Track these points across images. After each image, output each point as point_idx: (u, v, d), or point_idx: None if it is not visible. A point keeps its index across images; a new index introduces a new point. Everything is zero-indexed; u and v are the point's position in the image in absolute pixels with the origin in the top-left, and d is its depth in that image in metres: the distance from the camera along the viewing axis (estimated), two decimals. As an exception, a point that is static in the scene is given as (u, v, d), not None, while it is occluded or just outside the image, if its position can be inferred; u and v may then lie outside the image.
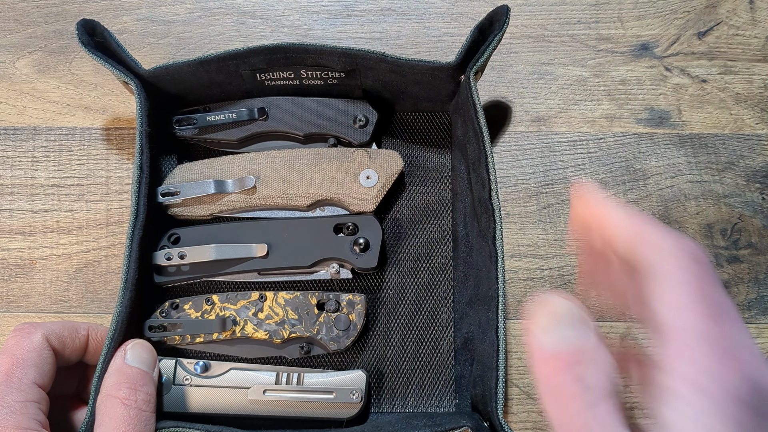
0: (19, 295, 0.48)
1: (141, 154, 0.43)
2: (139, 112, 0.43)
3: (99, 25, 0.44)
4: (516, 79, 0.52)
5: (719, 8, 0.53)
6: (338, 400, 0.42)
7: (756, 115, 0.51)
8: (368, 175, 0.46)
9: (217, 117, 0.47)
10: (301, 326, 0.44)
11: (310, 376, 0.43)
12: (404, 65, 0.43)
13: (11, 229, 0.49)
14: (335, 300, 0.44)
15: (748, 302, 0.48)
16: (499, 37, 0.42)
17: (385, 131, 0.50)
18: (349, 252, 0.45)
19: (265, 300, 0.45)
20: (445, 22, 0.53)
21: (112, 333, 0.39)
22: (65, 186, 0.50)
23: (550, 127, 0.51)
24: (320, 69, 0.45)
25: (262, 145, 0.49)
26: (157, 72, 0.44)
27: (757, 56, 0.52)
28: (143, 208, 0.42)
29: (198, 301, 0.45)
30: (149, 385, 0.38)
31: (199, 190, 0.45)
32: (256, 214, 0.47)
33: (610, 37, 0.53)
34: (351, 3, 0.54)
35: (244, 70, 0.45)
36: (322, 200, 0.46)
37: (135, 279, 0.41)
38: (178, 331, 0.44)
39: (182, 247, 0.45)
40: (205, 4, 0.54)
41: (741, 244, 0.49)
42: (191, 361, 0.43)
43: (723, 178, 0.50)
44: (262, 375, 0.43)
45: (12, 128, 0.51)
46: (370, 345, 0.46)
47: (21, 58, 0.52)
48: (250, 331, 0.44)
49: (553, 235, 0.49)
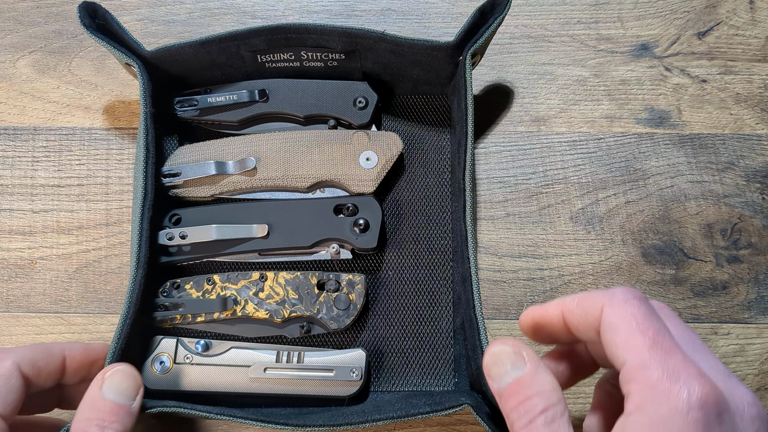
0: (19, 295, 0.48)
1: (146, 134, 0.43)
2: (142, 92, 0.44)
3: (100, 8, 0.44)
4: (516, 79, 0.52)
5: (719, 8, 0.53)
6: (338, 378, 0.42)
7: (756, 115, 0.51)
8: (368, 156, 0.46)
9: (217, 98, 0.47)
10: (302, 306, 0.44)
11: (311, 355, 0.43)
12: (403, 44, 0.43)
13: (11, 229, 0.49)
14: (335, 280, 0.45)
15: (748, 302, 0.47)
16: (499, 20, 0.42)
17: (384, 113, 0.50)
18: (349, 233, 0.45)
19: (266, 280, 0.45)
20: (445, 22, 0.53)
21: (126, 311, 0.40)
22: (65, 186, 0.50)
23: (550, 127, 0.51)
24: (321, 50, 0.45)
25: (263, 127, 0.49)
26: (159, 53, 0.44)
27: (757, 56, 0.52)
28: (151, 188, 0.43)
29: (199, 281, 0.45)
30: (122, 421, 0.35)
31: (200, 172, 0.46)
32: (257, 195, 0.47)
33: (610, 37, 0.53)
34: (351, 3, 0.54)
35: (245, 51, 0.45)
36: (322, 182, 0.46)
37: (147, 257, 0.41)
38: (179, 310, 0.44)
39: (183, 228, 0.45)
40: (205, 4, 0.54)
41: (741, 244, 0.49)
42: (192, 340, 0.43)
43: (723, 178, 0.50)
44: (262, 354, 0.43)
45: (12, 128, 0.51)
46: (369, 324, 0.47)
47: (21, 58, 0.52)
48: (251, 310, 0.44)
49: (553, 235, 0.49)
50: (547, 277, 0.48)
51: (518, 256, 0.48)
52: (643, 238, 0.49)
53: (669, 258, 0.48)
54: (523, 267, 0.48)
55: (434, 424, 0.45)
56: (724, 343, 0.47)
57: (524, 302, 0.48)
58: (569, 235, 0.49)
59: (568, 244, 0.48)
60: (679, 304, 0.47)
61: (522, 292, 0.48)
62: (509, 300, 0.48)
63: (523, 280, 0.48)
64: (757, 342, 0.47)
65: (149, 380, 0.43)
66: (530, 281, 0.48)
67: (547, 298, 0.48)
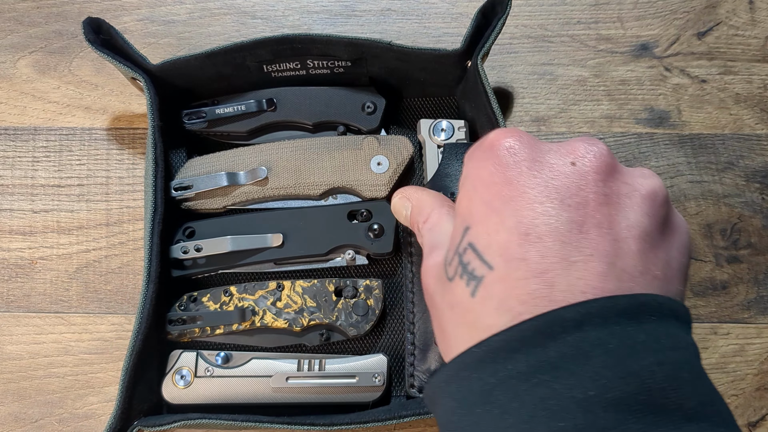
0: (19, 295, 0.48)
1: (155, 148, 0.43)
2: (150, 107, 0.44)
3: (104, 23, 0.44)
4: (516, 79, 0.52)
5: (719, 8, 0.53)
6: (361, 384, 0.42)
7: (756, 115, 0.51)
8: (379, 161, 0.46)
9: (225, 109, 0.47)
10: (320, 313, 0.44)
11: (332, 362, 0.43)
12: (410, 53, 0.43)
13: (11, 229, 0.49)
14: (352, 286, 0.45)
15: (748, 302, 0.48)
16: (503, 20, 0.42)
17: (393, 117, 0.50)
18: (363, 238, 0.45)
19: (283, 289, 0.45)
20: (445, 22, 0.53)
21: (138, 326, 0.40)
22: (65, 186, 0.50)
23: (550, 127, 0.51)
24: (326, 58, 0.45)
25: (272, 136, 0.49)
26: (165, 66, 0.44)
27: (756, 56, 0.52)
28: (161, 201, 0.43)
29: (216, 293, 0.45)
30: None
31: (211, 183, 0.46)
32: (269, 204, 0.47)
33: (610, 37, 0.53)
34: (351, 3, 0.54)
35: (250, 62, 0.45)
36: (335, 188, 0.46)
37: (158, 272, 0.41)
38: (197, 323, 0.44)
39: (198, 240, 0.45)
40: (205, 4, 0.54)
41: (741, 244, 0.49)
42: (212, 353, 0.43)
43: (723, 178, 0.50)
44: (283, 363, 0.43)
45: (12, 128, 0.51)
46: (388, 329, 0.46)
47: (21, 59, 0.52)
48: (270, 320, 0.44)
49: (553, 235, 0.49)
50: (547, 277, 0.48)
51: (518, 256, 0.48)
52: (643, 238, 0.49)
53: (669, 258, 0.48)
54: (523, 267, 0.48)
55: (434, 424, 0.45)
56: (724, 343, 0.47)
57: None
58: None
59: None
60: (679, 304, 0.48)
61: (522, 292, 0.48)
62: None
63: (523, 280, 0.48)
64: (757, 342, 0.47)
65: (171, 395, 0.42)
66: (530, 281, 0.48)
67: (547, 298, 0.48)
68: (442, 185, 0.45)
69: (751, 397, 0.46)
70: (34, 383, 0.46)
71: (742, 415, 0.46)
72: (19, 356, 0.47)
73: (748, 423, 0.46)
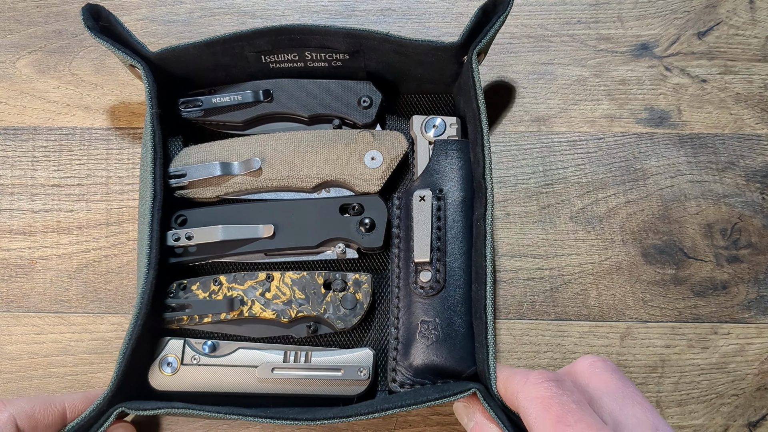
0: (19, 295, 0.48)
1: (153, 136, 0.43)
2: (148, 94, 0.44)
3: (104, 9, 0.44)
4: (516, 79, 0.52)
5: (719, 8, 0.53)
6: (346, 377, 0.42)
7: (756, 115, 0.51)
8: (373, 156, 0.46)
9: (222, 99, 0.47)
10: (308, 305, 0.44)
11: (318, 355, 0.43)
12: (408, 45, 0.43)
13: (11, 229, 0.49)
14: (342, 279, 0.45)
15: (748, 302, 0.48)
16: (503, 19, 0.42)
17: (389, 113, 0.50)
18: (354, 232, 0.45)
19: (272, 280, 0.45)
20: (445, 22, 0.53)
21: (138, 311, 0.40)
22: (65, 186, 0.50)
23: (550, 127, 0.51)
24: (325, 50, 0.45)
25: (267, 127, 0.49)
26: (164, 54, 0.44)
27: (757, 56, 0.52)
28: (160, 188, 0.43)
29: (205, 281, 0.45)
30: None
31: (205, 172, 0.46)
32: (262, 195, 0.47)
33: (610, 37, 0.53)
34: (351, 3, 0.54)
35: (249, 52, 0.45)
36: (328, 181, 0.46)
37: (158, 257, 0.42)
38: (186, 311, 0.44)
39: (190, 228, 0.45)
40: (205, 4, 0.54)
41: (741, 244, 0.49)
42: (199, 341, 0.44)
43: (723, 178, 0.50)
44: (270, 354, 0.43)
45: (12, 128, 0.51)
46: (376, 323, 0.47)
47: (21, 58, 0.52)
48: (258, 310, 0.44)
49: (553, 235, 0.49)
50: (547, 276, 0.48)
51: (518, 255, 0.48)
52: (643, 238, 0.49)
53: (669, 258, 0.48)
54: (523, 267, 0.48)
55: (434, 423, 0.45)
56: (724, 342, 0.47)
57: (524, 302, 0.48)
58: (569, 234, 0.49)
59: (568, 244, 0.48)
60: (679, 304, 0.48)
61: (522, 292, 0.48)
62: (509, 300, 0.48)
63: (523, 280, 0.48)
64: (757, 342, 0.47)
65: (157, 382, 0.43)
66: (530, 281, 0.48)
67: (547, 298, 0.48)
68: (431, 181, 0.45)
69: (751, 397, 0.46)
70: (33, 383, 0.46)
71: (742, 415, 0.46)
72: (19, 356, 0.47)
73: (748, 423, 0.46)
